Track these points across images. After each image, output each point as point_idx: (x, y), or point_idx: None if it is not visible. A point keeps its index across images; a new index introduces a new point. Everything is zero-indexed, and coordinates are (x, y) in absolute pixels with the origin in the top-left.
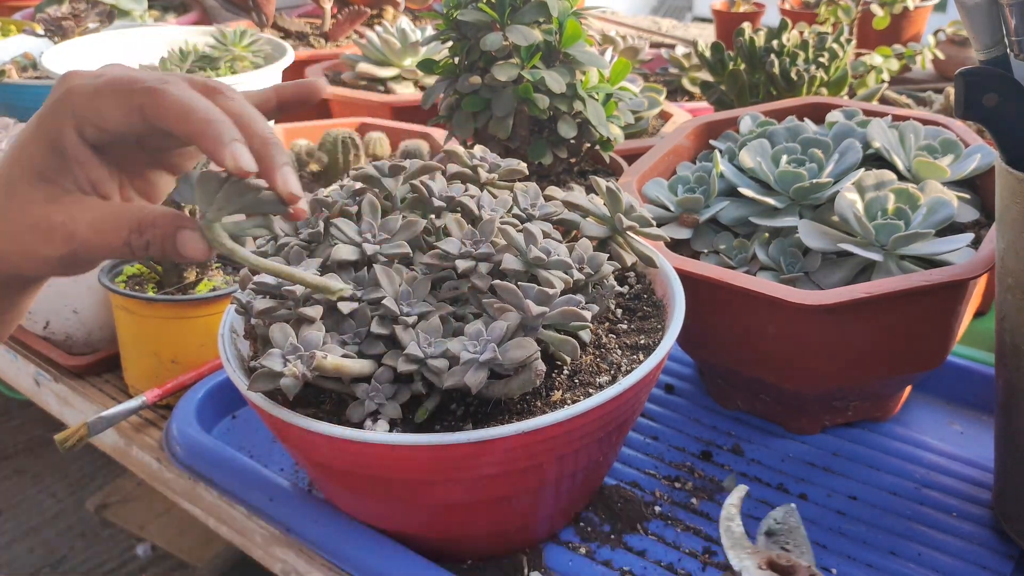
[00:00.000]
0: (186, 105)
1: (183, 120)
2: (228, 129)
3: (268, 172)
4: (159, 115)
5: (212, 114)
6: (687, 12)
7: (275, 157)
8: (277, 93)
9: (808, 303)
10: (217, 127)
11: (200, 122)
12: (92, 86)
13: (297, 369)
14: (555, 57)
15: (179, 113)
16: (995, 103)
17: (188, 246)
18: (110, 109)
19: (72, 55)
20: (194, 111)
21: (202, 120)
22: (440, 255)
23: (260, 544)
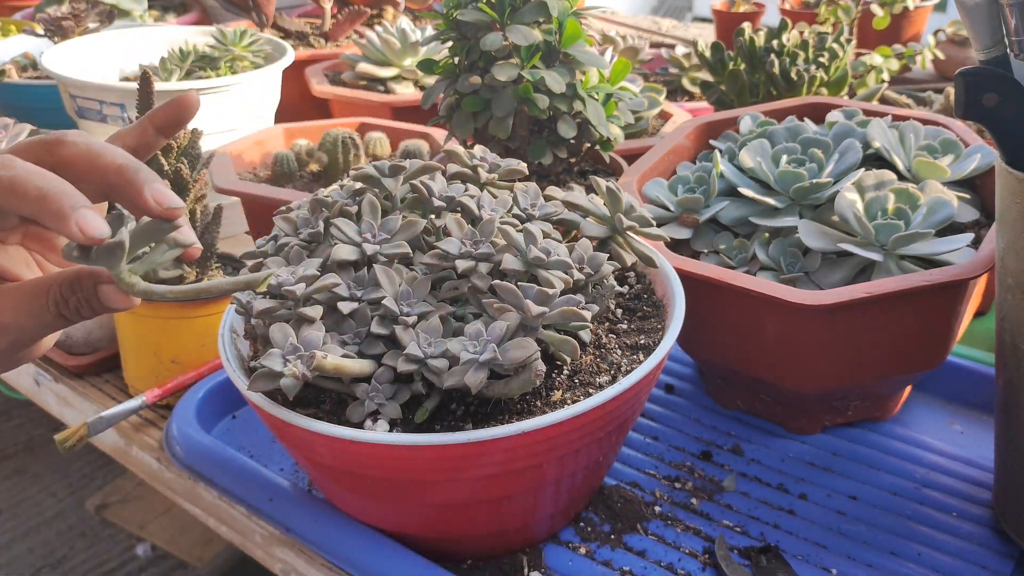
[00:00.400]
0: (16, 185)
1: (20, 200)
2: (67, 198)
3: (137, 196)
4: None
5: (46, 186)
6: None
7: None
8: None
9: (808, 303)
10: (54, 200)
11: (35, 200)
12: None
13: (297, 369)
14: (555, 57)
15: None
16: (995, 103)
17: (112, 299)
18: None
19: (72, 55)
20: (25, 189)
21: (36, 197)
22: (440, 255)
23: (260, 544)
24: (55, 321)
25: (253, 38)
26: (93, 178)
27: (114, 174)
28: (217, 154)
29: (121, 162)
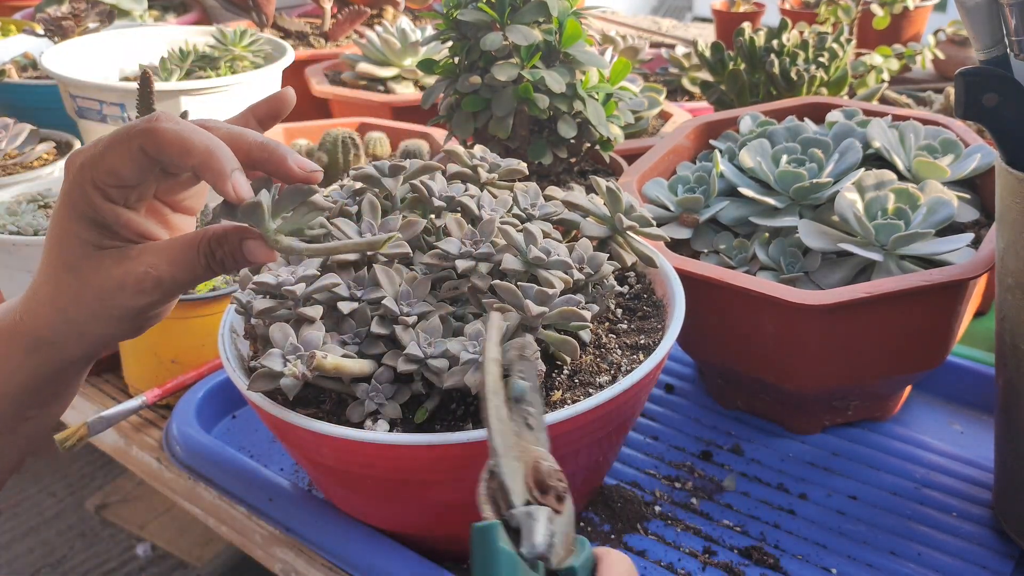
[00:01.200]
0: (184, 138)
1: (185, 153)
2: (228, 159)
3: (281, 165)
4: (160, 150)
5: (211, 144)
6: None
7: (278, 152)
8: (252, 111)
9: (808, 303)
10: (218, 158)
11: (202, 153)
12: (94, 150)
13: (297, 369)
14: (555, 57)
15: (180, 147)
16: (995, 103)
17: (255, 253)
18: (117, 161)
19: (72, 55)
20: (193, 143)
21: (203, 151)
22: (440, 255)
23: (260, 544)
24: (204, 273)
25: (253, 38)
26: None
27: (257, 150)
28: None
29: (261, 140)
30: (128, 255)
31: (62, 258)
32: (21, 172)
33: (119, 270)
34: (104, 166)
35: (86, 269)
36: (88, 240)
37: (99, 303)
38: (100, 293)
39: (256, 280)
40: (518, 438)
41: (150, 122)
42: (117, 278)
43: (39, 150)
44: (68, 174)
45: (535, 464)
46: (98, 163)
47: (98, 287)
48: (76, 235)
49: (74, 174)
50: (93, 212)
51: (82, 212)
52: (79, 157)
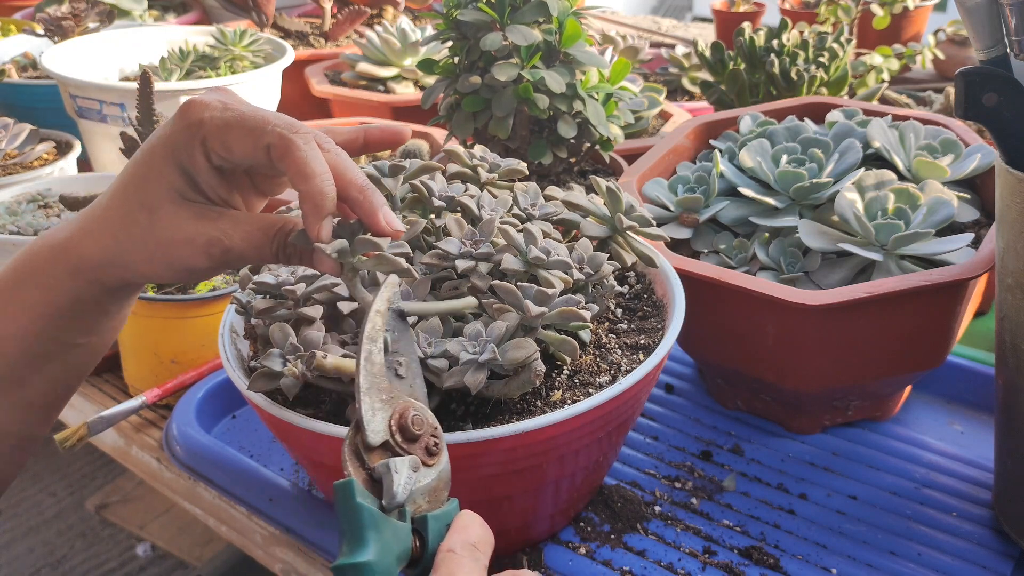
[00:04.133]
0: (309, 167)
1: (302, 179)
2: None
3: (371, 217)
4: (283, 163)
5: (324, 184)
6: (687, 12)
7: (373, 201)
8: (366, 134)
9: (808, 303)
10: (323, 199)
11: (315, 189)
12: (222, 119)
13: (297, 369)
14: (555, 57)
15: (301, 172)
16: (995, 103)
17: (323, 264)
18: (239, 143)
19: (72, 55)
20: (314, 176)
21: (317, 189)
22: (440, 255)
23: (260, 544)
24: (271, 258)
25: (253, 38)
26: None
27: (356, 191)
28: None
29: (363, 183)
30: (206, 215)
31: (141, 195)
32: (21, 172)
33: (193, 226)
34: (223, 138)
35: (163, 213)
36: (175, 186)
37: (161, 249)
38: (167, 241)
39: (256, 280)
40: (390, 385)
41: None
42: (189, 233)
43: (39, 150)
44: (181, 121)
45: (403, 411)
46: (219, 132)
47: (167, 235)
48: (166, 179)
49: (189, 124)
50: (191, 165)
51: (180, 160)
52: (202, 111)
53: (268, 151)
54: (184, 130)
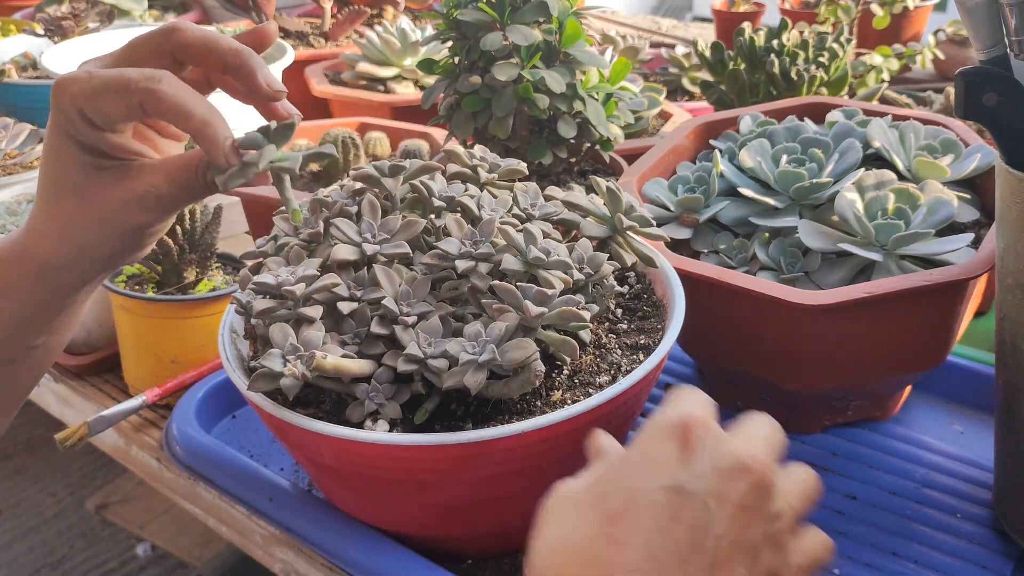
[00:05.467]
0: (184, 106)
1: (184, 119)
2: (222, 128)
3: (251, 77)
4: (159, 111)
5: (208, 113)
6: (687, 12)
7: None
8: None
9: (808, 303)
10: (214, 127)
11: (199, 121)
12: (90, 88)
13: (297, 369)
14: (555, 57)
15: (179, 113)
16: (995, 103)
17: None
18: (111, 107)
19: (72, 55)
20: (193, 112)
21: (200, 120)
22: (440, 255)
23: (260, 544)
24: (203, 192)
25: None
26: (209, 60)
27: (232, 56)
28: None
29: (237, 47)
30: (127, 174)
31: (61, 181)
32: (21, 172)
33: (120, 188)
34: (96, 105)
35: (87, 190)
36: (85, 162)
37: (102, 223)
38: (103, 213)
39: (256, 280)
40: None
41: (152, 82)
42: (119, 196)
43: (39, 150)
44: (57, 101)
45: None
46: (90, 100)
47: (100, 206)
48: (73, 158)
49: (63, 103)
50: (83, 138)
51: (72, 136)
52: (70, 86)
53: (142, 108)
54: (60, 109)
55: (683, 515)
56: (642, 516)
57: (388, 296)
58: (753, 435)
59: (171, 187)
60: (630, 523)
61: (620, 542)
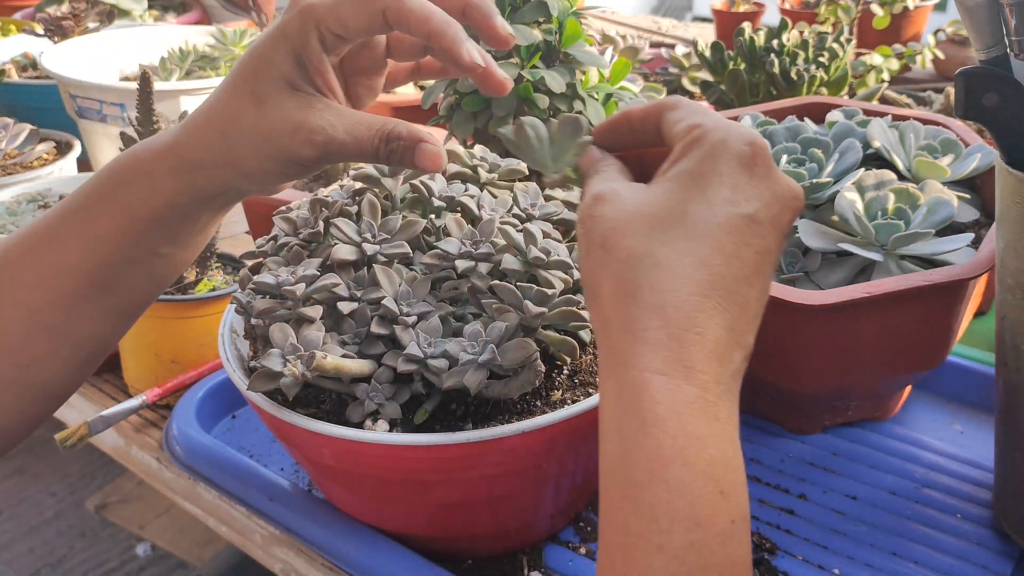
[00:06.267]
0: (426, 9)
1: (425, 22)
2: (461, 30)
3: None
4: (402, 18)
5: (447, 18)
6: (687, 12)
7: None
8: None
9: (808, 303)
10: (454, 28)
11: (441, 23)
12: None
13: (297, 369)
14: (555, 57)
15: (421, 17)
16: (995, 103)
17: (426, 159)
18: (352, 15)
19: (72, 55)
20: (433, 15)
21: (442, 22)
22: (440, 255)
23: (260, 544)
24: (372, 155)
25: (253, 38)
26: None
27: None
28: None
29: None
30: (314, 105)
31: (251, 87)
32: (21, 172)
33: (300, 115)
34: (337, 14)
35: (271, 103)
36: (285, 75)
37: (266, 139)
38: (272, 130)
39: (256, 280)
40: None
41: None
42: (296, 120)
43: (39, 150)
44: (293, 9)
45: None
46: (331, 9)
47: (275, 123)
48: (277, 67)
49: (300, 10)
50: (304, 50)
51: (293, 46)
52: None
53: (385, 16)
54: (296, 16)
55: (754, 241)
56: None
57: (388, 296)
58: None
59: (345, 136)
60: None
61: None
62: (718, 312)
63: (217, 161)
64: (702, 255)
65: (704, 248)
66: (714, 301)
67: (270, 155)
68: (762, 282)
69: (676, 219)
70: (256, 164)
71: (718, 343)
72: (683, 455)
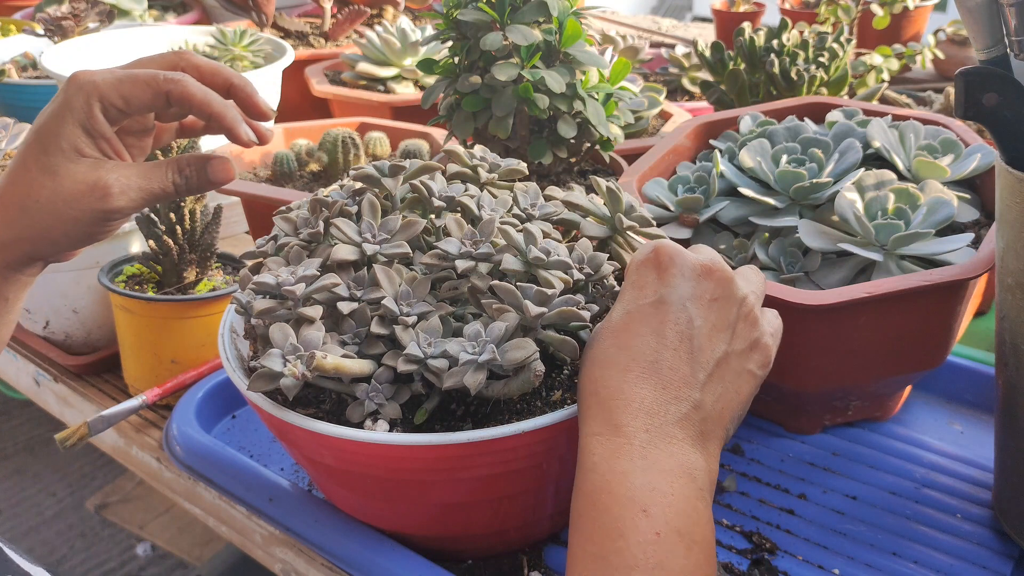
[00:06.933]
0: (206, 93)
1: (206, 105)
2: (237, 111)
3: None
4: (184, 101)
5: (223, 100)
6: (687, 12)
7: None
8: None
9: (808, 303)
10: (232, 111)
11: (220, 106)
12: (115, 78)
13: (297, 369)
14: (555, 57)
15: (202, 100)
16: (995, 103)
17: (218, 170)
18: (136, 93)
19: (72, 55)
20: (213, 99)
21: (221, 105)
22: (440, 255)
23: (260, 544)
24: (171, 187)
25: (253, 38)
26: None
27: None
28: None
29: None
30: (103, 165)
31: (42, 162)
32: None
33: (93, 175)
34: (121, 91)
35: (63, 171)
36: (73, 146)
37: (67, 203)
38: (71, 193)
39: (256, 280)
40: None
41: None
42: (90, 181)
43: None
44: (74, 86)
45: None
46: (114, 87)
47: (70, 188)
48: (66, 139)
49: (82, 86)
50: (89, 120)
51: (78, 119)
52: (95, 75)
53: (167, 96)
54: (80, 92)
55: (668, 319)
56: (640, 328)
57: (388, 296)
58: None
59: (140, 179)
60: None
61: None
62: (642, 380)
63: (22, 236)
64: (620, 342)
65: (621, 337)
66: (636, 373)
67: (73, 218)
68: (688, 346)
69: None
70: (61, 230)
71: (644, 402)
72: (608, 487)
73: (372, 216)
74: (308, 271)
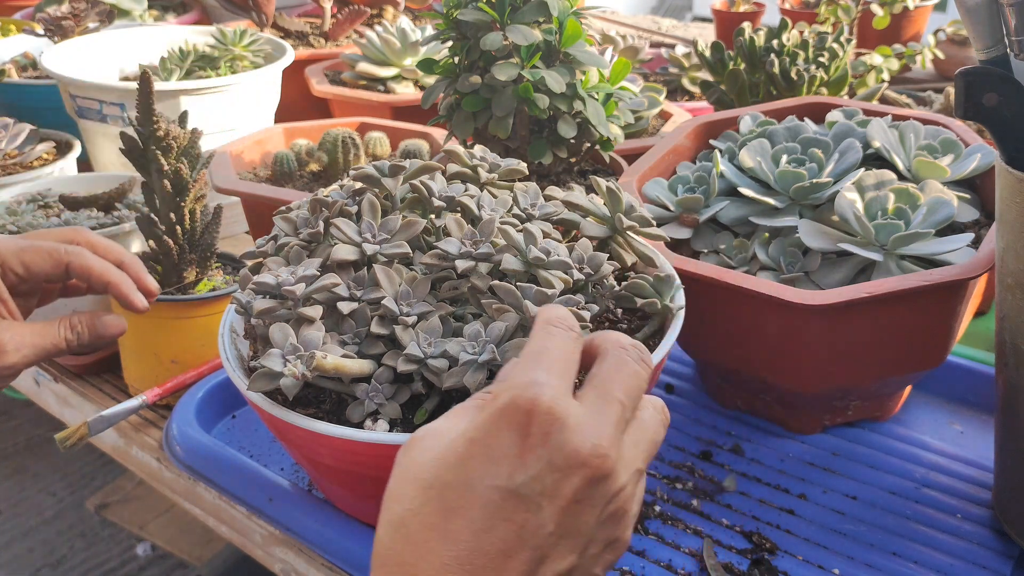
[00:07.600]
0: (104, 265)
1: (104, 275)
2: (130, 281)
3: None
4: (83, 273)
5: (119, 271)
6: (687, 12)
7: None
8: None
9: (808, 303)
10: (127, 281)
11: (117, 277)
12: (17, 246)
13: (297, 369)
14: (555, 57)
15: (100, 272)
16: (995, 103)
17: (109, 326)
18: (39, 263)
19: (72, 55)
20: (109, 270)
21: (117, 276)
22: (440, 255)
23: (260, 544)
24: (63, 343)
25: (253, 38)
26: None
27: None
28: (217, 154)
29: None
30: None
31: None
32: (21, 172)
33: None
34: (22, 258)
35: None
36: None
37: None
38: None
39: (256, 280)
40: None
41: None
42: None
43: (39, 150)
44: None
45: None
46: (16, 254)
47: None
48: None
49: None
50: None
51: None
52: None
53: (67, 268)
54: None
55: (515, 516)
56: (476, 515)
57: (388, 296)
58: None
59: (34, 336)
60: (464, 520)
61: (451, 538)
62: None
63: None
64: (449, 530)
65: (453, 523)
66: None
67: None
68: (533, 554)
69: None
70: None
71: None
72: None
73: (372, 216)
74: (308, 271)
